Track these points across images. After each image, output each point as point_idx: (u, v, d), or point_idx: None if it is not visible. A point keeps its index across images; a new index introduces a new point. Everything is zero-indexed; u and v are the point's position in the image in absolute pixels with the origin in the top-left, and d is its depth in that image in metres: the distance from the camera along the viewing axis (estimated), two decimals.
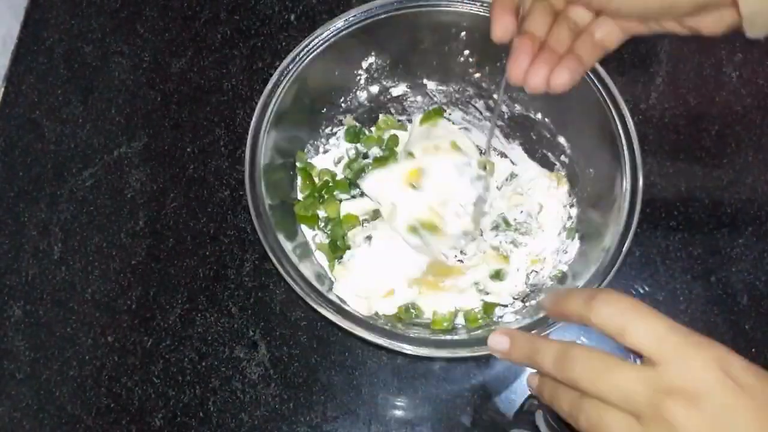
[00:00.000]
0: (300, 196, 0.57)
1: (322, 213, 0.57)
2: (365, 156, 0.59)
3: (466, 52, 0.55)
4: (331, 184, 0.58)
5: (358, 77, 0.57)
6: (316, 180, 0.58)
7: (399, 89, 0.59)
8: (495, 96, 0.57)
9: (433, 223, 0.53)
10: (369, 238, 0.55)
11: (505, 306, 0.54)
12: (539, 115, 0.57)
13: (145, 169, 0.64)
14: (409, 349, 0.45)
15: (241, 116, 0.65)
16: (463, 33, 0.54)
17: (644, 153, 0.61)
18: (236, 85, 0.67)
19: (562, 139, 0.57)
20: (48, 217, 0.62)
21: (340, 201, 0.57)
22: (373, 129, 0.60)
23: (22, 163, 0.65)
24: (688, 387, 0.31)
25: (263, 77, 0.67)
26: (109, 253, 0.61)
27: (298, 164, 0.57)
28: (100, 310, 0.59)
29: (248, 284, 0.59)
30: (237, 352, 0.57)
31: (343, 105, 0.58)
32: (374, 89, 0.58)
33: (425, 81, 0.59)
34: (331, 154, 0.60)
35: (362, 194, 0.57)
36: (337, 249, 0.55)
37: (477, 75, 0.57)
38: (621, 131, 0.49)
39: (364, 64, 0.56)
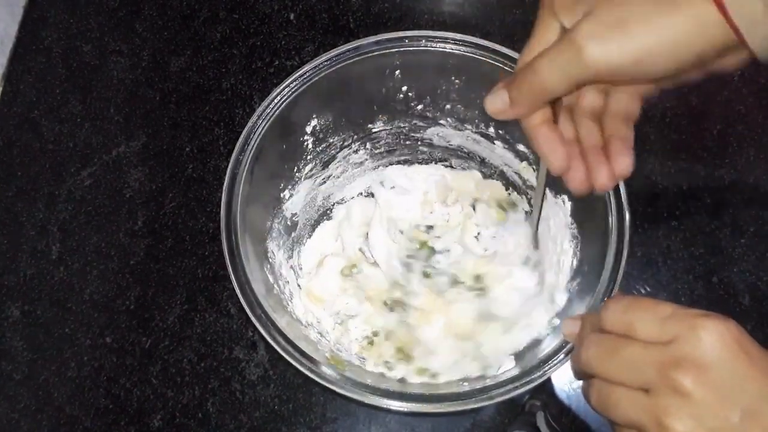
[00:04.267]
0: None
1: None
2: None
3: (404, 88, 0.55)
4: None
5: (305, 142, 0.56)
6: None
7: (347, 141, 0.59)
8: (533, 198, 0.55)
9: None
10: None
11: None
12: (491, 129, 0.57)
13: (143, 168, 0.64)
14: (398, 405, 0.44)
15: (240, 115, 0.65)
16: (398, 72, 0.54)
17: (646, 152, 0.62)
18: (235, 84, 0.66)
19: (521, 146, 0.56)
20: (46, 217, 0.62)
21: None
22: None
23: (20, 163, 0.64)
24: (697, 357, 0.31)
25: (262, 76, 0.66)
26: (108, 253, 0.61)
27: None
28: (99, 310, 0.59)
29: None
30: (236, 353, 0.57)
31: (297, 175, 0.58)
32: (321, 148, 0.58)
33: (370, 126, 0.59)
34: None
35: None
36: None
37: (420, 107, 0.57)
38: None
39: (308, 129, 0.56)
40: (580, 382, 0.38)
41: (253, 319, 0.46)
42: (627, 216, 0.47)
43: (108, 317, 0.59)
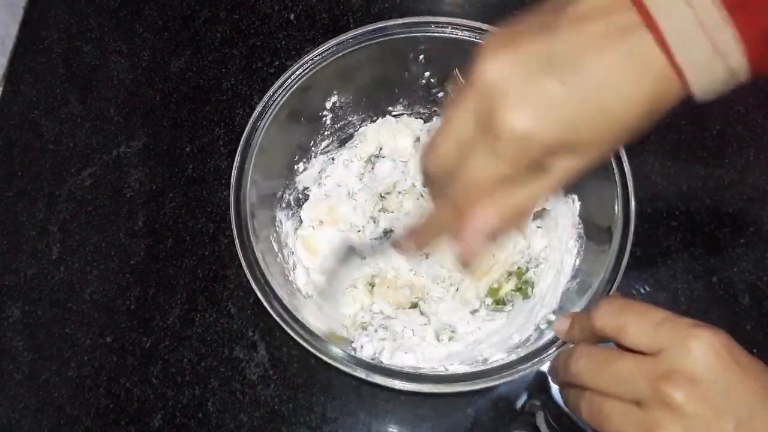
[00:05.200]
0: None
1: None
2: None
3: (427, 74, 0.56)
4: None
5: (324, 118, 0.57)
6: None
7: (365, 121, 0.60)
8: None
9: None
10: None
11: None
12: None
13: (144, 168, 0.64)
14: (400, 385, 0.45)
15: (240, 116, 0.65)
16: (421, 56, 0.54)
17: (645, 153, 0.62)
18: (235, 84, 0.66)
19: None
20: (46, 217, 0.62)
21: None
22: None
23: (20, 163, 0.64)
24: (687, 369, 0.31)
25: (262, 76, 0.66)
26: (108, 253, 0.61)
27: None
28: (99, 310, 0.59)
29: (247, 284, 0.58)
30: (236, 353, 0.57)
31: (313, 149, 0.58)
32: (339, 125, 0.59)
33: (390, 108, 0.59)
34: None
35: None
36: None
37: (440, 94, 0.57)
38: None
39: (328, 104, 0.56)
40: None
41: (251, 281, 0.46)
42: (632, 217, 0.47)
43: (108, 317, 0.59)
